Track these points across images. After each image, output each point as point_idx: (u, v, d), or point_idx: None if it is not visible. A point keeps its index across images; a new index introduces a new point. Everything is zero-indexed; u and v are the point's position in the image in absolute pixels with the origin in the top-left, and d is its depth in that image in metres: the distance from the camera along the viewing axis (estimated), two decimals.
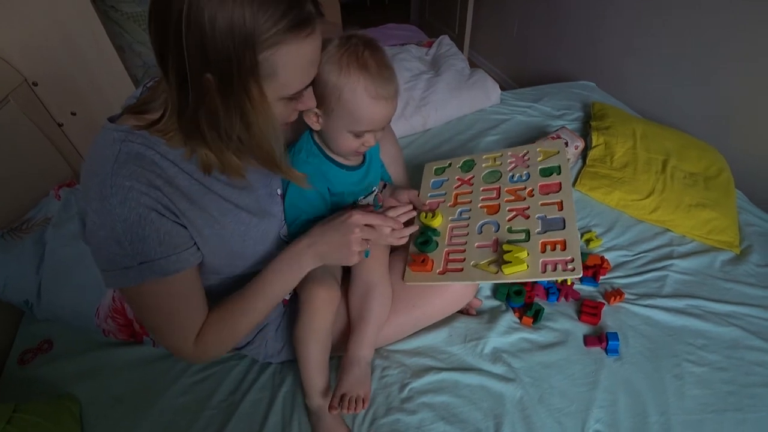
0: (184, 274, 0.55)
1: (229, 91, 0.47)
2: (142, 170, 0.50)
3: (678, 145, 1.28)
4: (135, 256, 0.51)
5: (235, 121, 0.50)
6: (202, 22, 0.43)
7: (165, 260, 0.52)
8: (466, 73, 1.64)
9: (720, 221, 1.08)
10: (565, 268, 0.66)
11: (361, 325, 0.73)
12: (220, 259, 0.61)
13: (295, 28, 0.47)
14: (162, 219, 0.52)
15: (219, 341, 0.62)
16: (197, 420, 0.74)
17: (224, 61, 0.45)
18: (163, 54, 0.46)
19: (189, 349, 0.60)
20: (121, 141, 0.51)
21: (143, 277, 0.52)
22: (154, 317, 0.58)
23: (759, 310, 0.91)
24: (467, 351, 0.82)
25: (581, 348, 0.83)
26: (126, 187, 0.49)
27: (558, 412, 0.74)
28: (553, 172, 0.83)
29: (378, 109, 0.63)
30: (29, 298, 0.89)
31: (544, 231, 0.72)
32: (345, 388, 0.68)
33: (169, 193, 0.52)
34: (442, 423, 0.72)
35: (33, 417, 0.68)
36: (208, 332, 0.61)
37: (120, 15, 1.62)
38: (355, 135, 0.65)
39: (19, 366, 0.86)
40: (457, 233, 0.79)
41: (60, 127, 1.30)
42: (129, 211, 0.49)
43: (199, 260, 0.58)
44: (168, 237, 0.52)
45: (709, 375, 0.79)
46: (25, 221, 1.01)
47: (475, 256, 0.73)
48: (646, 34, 1.56)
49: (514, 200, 0.80)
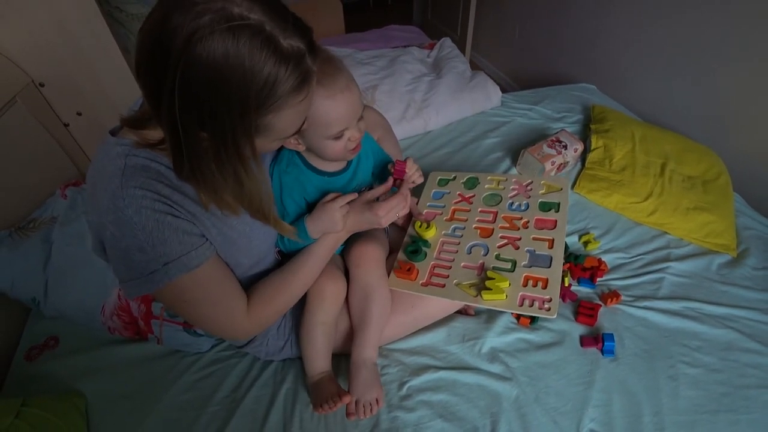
0: (209, 265, 0.58)
1: (221, 150, 0.47)
2: (150, 180, 0.52)
3: (677, 149, 1.29)
4: (159, 259, 0.53)
5: (228, 176, 0.50)
6: (199, 84, 0.41)
7: (186, 257, 0.54)
8: (467, 75, 1.65)
9: (717, 224, 1.09)
10: (542, 306, 0.67)
11: (363, 328, 0.74)
12: (227, 258, 0.63)
13: (294, 92, 0.47)
14: (177, 220, 0.53)
15: (271, 309, 0.66)
16: (201, 416, 0.76)
17: (219, 124, 0.44)
18: (154, 105, 0.45)
19: (242, 326, 0.64)
20: (125, 155, 0.52)
21: (170, 277, 0.54)
22: (196, 309, 0.60)
23: (755, 312, 0.92)
24: (465, 350, 0.84)
25: (577, 348, 0.84)
26: (138, 196, 0.50)
27: (554, 411, 0.75)
28: (552, 208, 0.84)
29: (339, 105, 0.62)
30: (36, 295, 0.90)
31: (530, 265, 0.74)
32: (357, 394, 0.70)
33: (179, 200, 0.54)
34: (440, 420, 0.74)
35: (40, 411, 0.70)
36: (258, 303, 0.65)
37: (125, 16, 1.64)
38: (335, 138, 0.65)
39: (25, 362, 0.87)
40: (447, 249, 0.81)
41: (66, 127, 1.32)
42: (146, 218, 0.51)
43: (215, 252, 0.60)
44: (186, 236, 0.54)
45: (703, 376, 0.81)
46: (32, 220, 1.03)
47: (459, 276, 0.75)
48: (646, 36, 1.57)
49: (509, 228, 0.82)
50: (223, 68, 0.41)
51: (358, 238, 0.79)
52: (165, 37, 0.40)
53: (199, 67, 0.40)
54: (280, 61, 0.43)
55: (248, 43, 0.41)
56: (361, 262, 0.76)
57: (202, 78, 0.41)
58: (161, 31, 0.41)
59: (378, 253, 0.78)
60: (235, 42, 0.40)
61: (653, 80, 1.58)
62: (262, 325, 0.68)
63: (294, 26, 0.45)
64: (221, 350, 0.87)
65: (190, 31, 0.39)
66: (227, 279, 0.62)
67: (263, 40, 0.42)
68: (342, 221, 0.68)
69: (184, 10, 0.40)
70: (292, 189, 0.71)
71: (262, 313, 0.66)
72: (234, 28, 0.40)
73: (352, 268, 0.77)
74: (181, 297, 0.58)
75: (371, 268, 0.76)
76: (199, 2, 0.40)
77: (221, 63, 0.41)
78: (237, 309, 0.63)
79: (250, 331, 0.66)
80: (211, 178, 0.50)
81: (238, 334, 0.66)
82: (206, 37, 0.40)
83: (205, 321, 0.62)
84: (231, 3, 0.41)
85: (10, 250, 0.93)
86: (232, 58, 0.41)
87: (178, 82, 0.41)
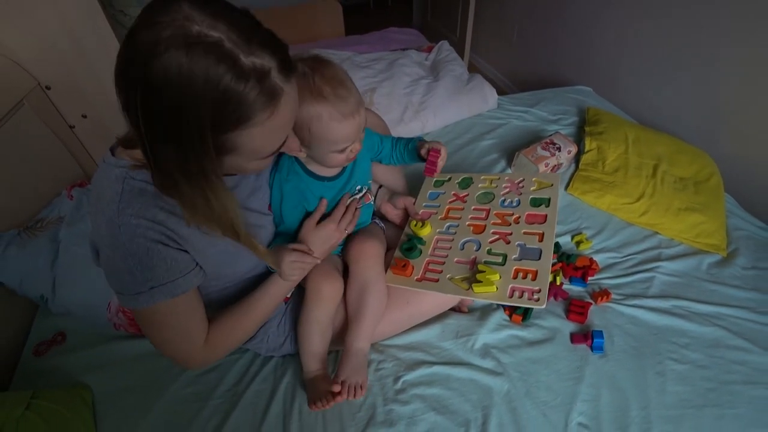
0: (188, 295, 0.61)
1: (186, 166, 0.47)
2: (145, 206, 0.54)
3: (669, 150, 1.31)
4: (145, 282, 0.56)
5: (197, 194, 0.50)
6: (158, 100, 0.42)
7: (172, 283, 0.58)
8: (465, 78, 1.67)
9: (708, 225, 1.11)
10: (531, 297, 0.69)
11: (359, 320, 0.77)
12: (224, 270, 0.67)
13: (260, 110, 0.46)
14: (167, 249, 0.56)
15: (226, 342, 0.69)
16: (203, 408, 0.79)
17: (180, 141, 0.45)
18: (129, 121, 0.46)
19: (198, 355, 0.66)
20: (123, 179, 0.54)
21: (154, 300, 0.57)
22: (163, 333, 0.63)
23: (742, 311, 0.94)
24: (458, 346, 0.86)
25: (568, 345, 0.87)
26: (132, 224, 0.53)
27: (543, 405, 0.78)
28: (543, 203, 0.86)
29: (348, 127, 0.67)
30: (44, 292, 0.93)
31: (520, 258, 0.76)
32: (344, 375, 0.73)
33: (172, 223, 0.56)
34: (433, 413, 0.77)
35: (50, 403, 0.73)
36: (215, 335, 0.66)
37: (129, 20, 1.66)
38: (339, 152, 0.70)
39: (34, 357, 0.90)
40: (441, 246, 0.83)
41: (71, 129, 1.35)
42: (137, 246, 0.54)
43: (201, 280, 0.63)
44: (174, 263, 0.57)
45: (690, 372, 0.83)
46: (39, 220, 1.06)
47: (452, 271, 0.77)
48: (642, 40, 1.60)
49: (500, 224, 0.84)
50: (178, 85, 0.42)
51: (356, 235, 0.83)
52: (129, 53, 0.43)
53: (157, 83, 0.41)
54: (238, 78, 0.43)
55: (203, 60, 0.41)
56: (361, 258, 0.79)
57: (160, 94, 0.42)
58: (128, 46, 0.43)
59: (376, 249, 0.80)
60: (189, 59, 0.41)
61: (648, 83, 1.61)
62: (217, 357, 0.69)
63: (261, 43, 0.45)
64: None
65: (149, 47, 0.41)
66: (198, 310, 0.64)
67: (220, 56, 0.42)
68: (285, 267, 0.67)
69: (149, 26, 0.41)
70: (292, 197, 0.74)
71: (220, 345, 0.67)
72: (191, 45, 0.41)
73: (351, 264, 0.80)
74: (152, 318, 0.60)
75: (370, 264, 0.79)
76: (162, 21, 0.41)
77: (176, 80, 0.41)
78: (197, 339, 0.65)
79: (203, 361, 0.67)
80: (185, 195, 0.50)
81: (192, 362, 0.67)
82: (162, 53, 0.40)
83: (166, 345, 0.64)
84: (192, 21, 0.41)
85: (18, 249, 0.96)
86: (186, 75, 0.41)
87: (140, 98, 0.43)
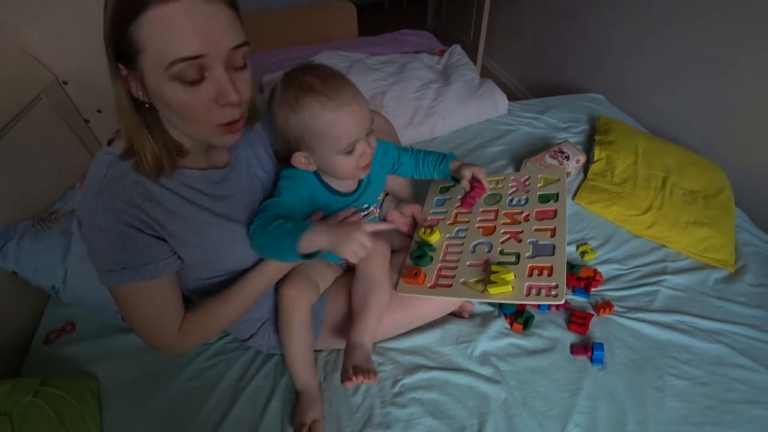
0: (163, 280, 0.63)
1: (133, 74, 0.51)
2: (124, 190, 0.57)
3: (680, 162, 1.30)
4: (117, 263, 0.58)
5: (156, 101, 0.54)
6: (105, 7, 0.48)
7: (143, 267, 0.59)
8: (476, 83, 1.67)
9: (716, 239, 1.10)
10: (549, 293, 0.67)
11: (363, 316, 0.77)
12: (205, 263, 0.68)
13: None
14: (140, 234, 0.58)
15: (200, 332, 0.70)
16: (206, 401, 0.80)
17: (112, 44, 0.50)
18: None
19: (169, 341, 0.67)
20: (109, 164, 0.58)
21: (124, 280, 0.59)
22: (135, 314, 0.64)
23: (747, 328, 0.93)
24: (458, 352, 0.87)
25: (567, 356, 0.87)
26: (108, 207, 0.56)
27: (540, 415, 0.78)
28: (551, 198, 0.86)
29: (345, 117, 0.64)
30: (56, 283, 0.96)
31: (534, 256, 0.75)
32: (353, 362, 0.71)
33: (150, 209, 0.59)
34: (430, 418, 0.77)
35: (57, 391, 0.75)
36: (190, 325, 0.68)
37: None
38: (345, 153, 0.67)
39: (44, 345, 0.93)
40: (451, 251, 0.82)
41: (86, 124, 1.38)
42: (112, 227, 0.56)
43: (177, 268, 0.65)
44: (146, 248, 0.59)
45: (690, 389, 0.82)
46: (53, 212, 1.08)
47: (465, 274, 0.76)
48: (655, 48, 1.58)
49: (510, 223, 0.83)
50: None
51: None
52: None
53: None
54: None
55: None
56: (368, 256, 0.79)
57: None
58: None
59: (383, 249, 0.82)
60: None
61: (661, 92, 1.59)
62: (192, 345, 0.71)
63: None
64: (227, 342, 0.92)
65: None
66: (172, 298, 0.66)
67: None
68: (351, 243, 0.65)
69: None
70: (300, 194, 0.73)
71: (193, 335, 0.69)
72: None
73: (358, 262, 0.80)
74: (126, 299, 0.62)
75: (377, 262, 0.80)
76: None
77: None
78: (170, 326, 0.66)
79: (176, 348, 0.68)
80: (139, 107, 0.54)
81: (164, 348, 0.68)
82: None
83: (137, 326, 0.66)
84: None
85: (33, 240, 0.99)
86: None
87: None
